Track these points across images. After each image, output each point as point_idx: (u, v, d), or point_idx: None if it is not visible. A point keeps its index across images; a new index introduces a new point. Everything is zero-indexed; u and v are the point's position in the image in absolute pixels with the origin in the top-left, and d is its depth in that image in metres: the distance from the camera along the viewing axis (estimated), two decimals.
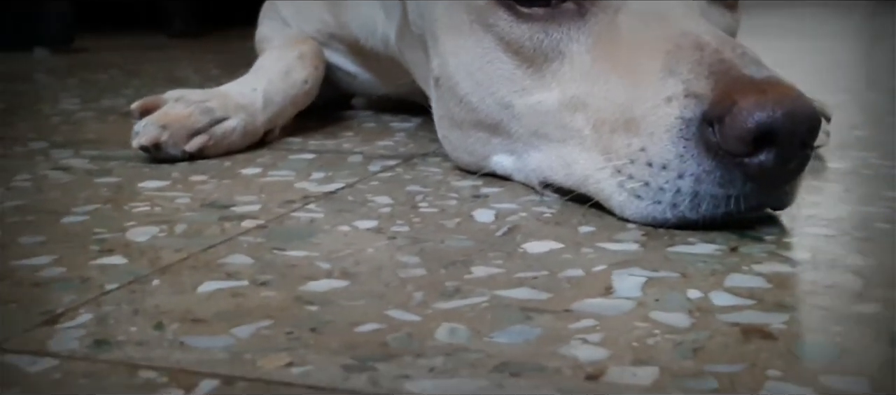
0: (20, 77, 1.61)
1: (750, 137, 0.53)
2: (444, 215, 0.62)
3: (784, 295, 0.46)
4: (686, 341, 0.40)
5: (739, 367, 0.38)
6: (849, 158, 0.79)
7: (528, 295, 0.47)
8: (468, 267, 0.51)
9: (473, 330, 0.42)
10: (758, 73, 0.55)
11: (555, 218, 0.61)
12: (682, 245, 0.55)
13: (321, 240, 0.57)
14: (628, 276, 0.49)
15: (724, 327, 0.42)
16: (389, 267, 0.51)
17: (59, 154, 0.87)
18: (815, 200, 0.65)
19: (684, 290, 0.47)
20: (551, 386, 0.36)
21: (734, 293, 0.46)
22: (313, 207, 0.65)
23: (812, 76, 1.45)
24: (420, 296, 0.47)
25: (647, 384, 0.36)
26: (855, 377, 0.37)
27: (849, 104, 1.14)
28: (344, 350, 0.40)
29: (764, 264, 0.51)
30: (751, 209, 0.56)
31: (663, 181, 0.57)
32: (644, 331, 0.42)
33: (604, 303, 0.45)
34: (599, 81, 0.62)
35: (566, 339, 0.41)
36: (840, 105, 1.07)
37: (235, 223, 0.61)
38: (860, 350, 0.39)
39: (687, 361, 0.38)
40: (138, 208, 0.65)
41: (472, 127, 0.71)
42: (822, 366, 0.38)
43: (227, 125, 0.84)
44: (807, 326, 0.42)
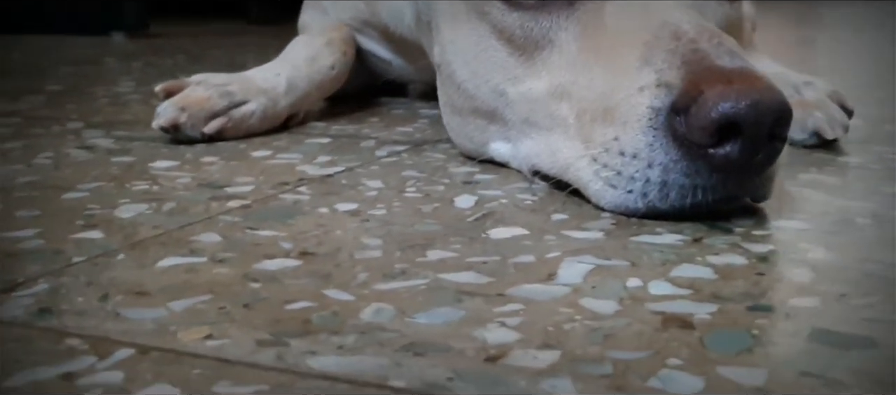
0: (90, 60, 1.67)
1: (714, 127, 0.53)
2: (426, 200, 0.63)
3: (724, 287, 0.46)
4: (602, 327, 0.41)
5: (642, 354, 0.38)
6: (864, 152, 0.77)
7: (470, 279, 0.47)
8: (424, 251, 0.52)
9: (399, 311, 0.43)
10: (730, 63, 0.55)
11: (534, 205, 0.61)
12: (648, 235, 0.55)
13: (296, 221, 0.58)
14: (577, 263, 0.49)
15: (646, 316, 0.42)
16: (348, 248, 0.52)
17: (90, 134, 0.90)
18: (807, 193, 0.64)
19: (626, 279, 0.47)
20: (447, 366, 0.37)
21: (675, 284, 0.46)
22: (304, 189, 0.66)
23: (855, 69, 1.41)
24: (364, 277, 0.48)
25: (543, 368, 0.37)
26: (753, 369, 0.37)
27: (889, 99, 1.11)
28: (265, 326, 0.41)
29: (721, 255, 0.51)
30: (721, 201, 0.56)
31: (634, 170, 0.57)
32: (565, 317, 0.42)
33: (539, 289, 0.46)
34: (583, 70, 0.62)
35: (485, 322, 0.41)
36: (881, 100, 1.04)
37: (222, 203, 0.63)
38: (773, 343, 0.39)
39: (593, 347, 0.39)
40: (138, 187, 0.68)
41: (470, 114, 0.72)
42: (726, 357, 0.38)
43: (246, 109, 0.86)
44: (731, 317, 0.42)
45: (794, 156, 0.76)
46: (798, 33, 2.21)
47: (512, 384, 0.35)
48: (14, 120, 1.00)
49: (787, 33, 2.21)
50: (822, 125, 0.77)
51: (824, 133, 0.77)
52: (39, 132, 0.92)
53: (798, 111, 0.79)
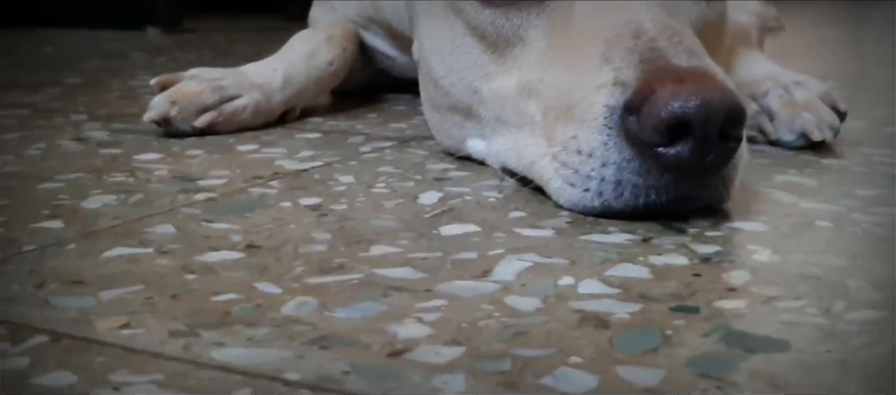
0: (118, 55, 1.69)
1: (663, 126, 0.52)
2: (392, 195, 0.63)
3: (655, 287, 0.45)
4: (516, 325, 0.41)
5: (546, 352, 0.38)
6: (853, 155, 0.76)
7: (404, 274, 0.47)
8: (369, 246, 0.52)
9: (321, 305, 0.43)
10: (686, 62, 0.54)
11: (495, 203, 0.61)
12: (600, 234, 0.54)
13: (254, 215, 0.59)
14: (517, 261, 0.49)
15: (565, 315, 0.42)
16: (294, 242, 0.53)
17: (90, 126, 0.91)
18: (777, 194, 0.63)
19: (560, 277, 0.47)
20: (347, 359, 0.37)
21: (607, 283, 0.46)
22: (274, 183, 0.67)
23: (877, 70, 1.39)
24: (300, 271, 0.48)
25: (442, 364, 0.37)
26: (652, 370, 0.36)
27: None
28: (185, 317, 0.42)
29: (664, 255, 0.50)
30: (676, 201, 0.55)
31: (589, 169, 0.56)
32: (484, 314, 0.42)
33: (468, 285, 0.46)
34: (550, 67, 0.62)
35: (402, 317, 0.42)
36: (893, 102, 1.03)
37: (190, 195, 0.63)
38: (682, 344, 0.39)
39: (499, 344, 0.39)
40: (115, 178, 0.69)
41: (447, 110, 0.72)
42: (629, 357, 0.38)
43: (238, 103, 0.86)
44: (650, 317, 0.41)
45: (779, 157, 0.75)
46: (831, 34, 2.17)
47: (404, 379, 0.35)
48: (23, 112, 1.02)
49: (817, 33, 2.17)
50: (809, 127, 0.76)
51: (811, 135, 0.76)
52: (42, 124, 0.93)
53: (786, 112, 0.78)
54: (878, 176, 0.68)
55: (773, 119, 0.79)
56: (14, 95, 1.14)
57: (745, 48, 0.89)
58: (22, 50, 1.76)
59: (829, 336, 0.39)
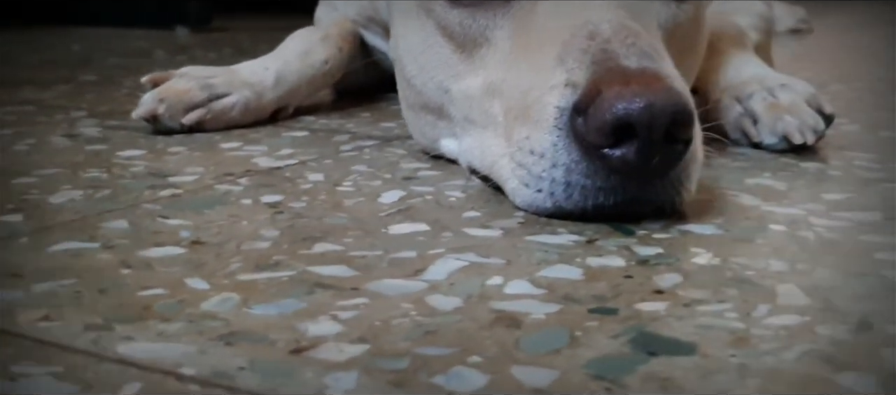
0: (141, 53, 1.72)
1: (608, 128, 0.52)
2: (354, 194, 0.64)
3: (581, 288, 0.45)
4: (429, 324, 0.41)
5: (448, 351, 0.38)
6: (835, 158, 0.75)
7: (337, 272, 0.48)
8: (313, 244, 0.52)
9: (243, 301, 0.44)
10: (636, 63, 0.54)
11: (455, 203, 0.61)
12: (547, 234, 0.54)
13: (213, 211, 0.59)
14: (454, 260, 0.49)
15: (481, 315, 0.42)
16: (240, 240, 0.53)
17: (85, 123, 0.93)
18: (742, 197, 0.62)
19: (490, 277, 0.47)
20: (248, 356, 0.38)
21: (535, 284, 0.46)
22: (243, 180, 0.68)
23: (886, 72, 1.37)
24: (236, 267, 0.48)
25: (340, 361, 0.37)
26: (546, 370, 0.36)
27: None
28: (106, 311, 0.42)
29: (603, 257, 0.50)
30: (627, 203, 0.55)
31: (541, 170, 0.56)
32: (400, 312, 0.42)
33: (396, 284, 0.46)
34: (512, 68, 0.62)
35: (318, 315, 0.42)
36: None
37: (156, 191, 0.64)
38: (587, 346, 0.39)
39: (405, 343, 0.39)
40: (90, 174, 0.70)
41: (421, 109, 0.72)
42: (529, 357, 0.37)
43: (227, 102, 0.87)
44: (565, 318, 0.41)
45: (758, 160, 0.74)
46: (860, 35, 2.14)
47: (296, 376, 0.36)
48: (28, 108, 1.03)
49: (846, 35, 2.14)
50: (790, 130, 0.75)
51: (792, 138, 0.75)
52: (41, 120, 0.95)
53: (769, 115, 0.77)
54: (852, 181, 0.67)
55: (756, 122, 0.78)
56: (26, 91, 1.16)
57: (737, 50, 0.88)
58: (49, 47, 1.79)
59: (739, 341, 0.39)
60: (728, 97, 0.81)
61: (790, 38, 2.04)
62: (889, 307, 0.43)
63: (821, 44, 1.93)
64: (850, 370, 0.36)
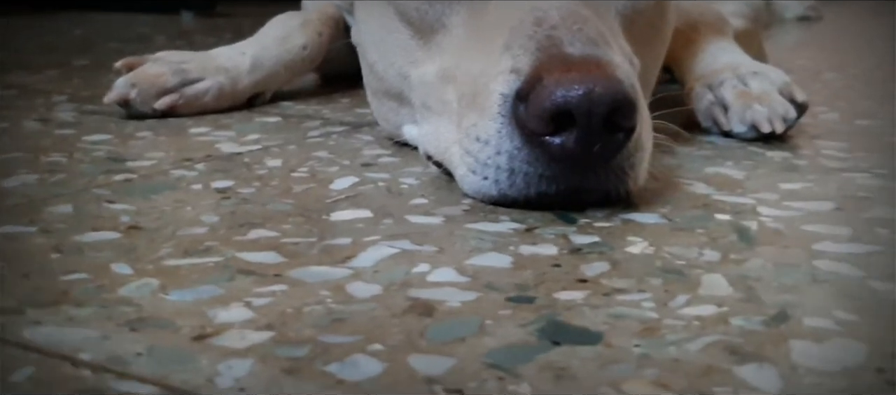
0: (142, 38, 1.72)
1: (547, 115, 0.52)
2: (308, 180, 0.64)
3: (505, 276, 0.45)
4: (342, 311, 0.41)
5: (352, 338, 0.38)
6: (805, 147, 0.74)
7: (264, 259, 0.48)
8: (250, 230, 0.52)
9: (162, 287, 0.44)
10: (579, 50, 0.54)
11: (405, 190, 0.61)
12: (489, 222, 0.54)
13: (159, 196, 0.59)
14: (386, 248, 0.49)
15: (397, 302, 0.42)
16: (179, 225, 0.53)
17: (63, 108, 0.93)
18: (695, 186, 0.62)
19: (417, 265, 0.47)
20: (149, 342, 0.38)
21: (461, 272, 0.46)
22: (200, 166, 0.67)
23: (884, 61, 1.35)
24: (165, 253, 0.48)
25: (239, 348, 0.37)
26: (443, 358, 0.36)
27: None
28: (23, 295, 0.42)
29: (538, 245, 0.50)
30: (571, 192, 0.55)
31: (486, 156, 0.56)
32: (317, 300, 0.42)
33: (320, 271, 0.46)
34: (465, 54, 0.61)
35: (232, 302, 0.42)
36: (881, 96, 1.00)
37: (110, 176, 0.64)
38: (493, 335, 0.38)
39: (310, 330, 0.39)
40: (51, 158, 0.70)
41: (383, 95, 0.71)
42: (433, 345, 0.37)
43: (200, 87, 0.87)
44: (478, 307, 0.41)
45: (725, 149, 0.73)
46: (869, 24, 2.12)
47: (191, 363, 0.36)
48: (10, 92, 1.04)
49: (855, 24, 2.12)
50: (758, 118, 0.74)
51: (760, 126, 0.74)
52: (20, 105, 0.95)
53: (738, 103, 0.76)
54: (814, 170, 0.66)
55: (727, 110, 0.77)
56: (14, 76, 1.16)
57: (715, 37, 0.87)
58: (52, 32, 1.79)
59: (647, 331, 0.38)
60: (700, 85, 0.80)
61: (797, 26, 2.03)
62: (811, 300, 0.42)
63: (827, 32, 1.91)
64: (753, 361, 0.36)
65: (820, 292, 0.43)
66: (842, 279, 0.44)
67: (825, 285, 0.44)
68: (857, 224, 0.53)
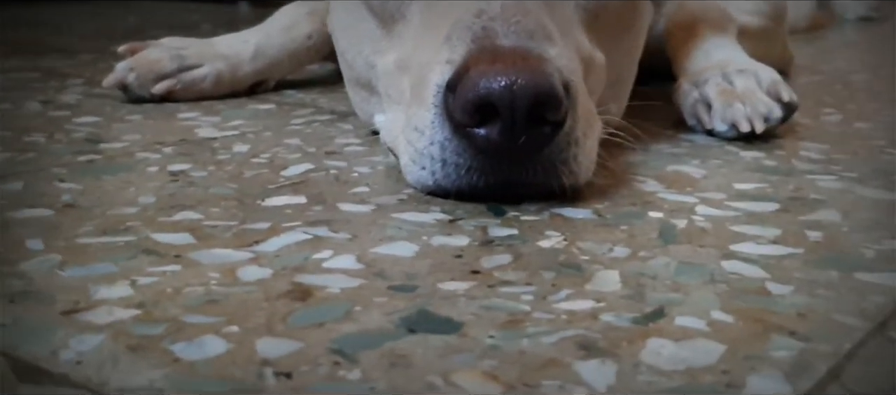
0: (189, 26, 1.75)
1: (470, 106, 0.52)
2: (264, 166, 0.65)
3: (401, 266, 0.45)
4: (220, 293, 0.41)
5: (211, 319, 0.38)
6: (785, 147, 0.72)
7: (175, 240, 0.49)
8: (178, 212, 0.53)
9: (62, 263, 0.45)
10: (513, 42, 0.53)
11: (354, 178, 0.62)
12: (418, 213, 0.54)
13: (111, 178, 0.61)
14: (300, 234, 0.50)
15: (279, 287, 0.42)
16: (112, 205, 0.54)
17: (72, 91, 0.96)
18: (648, 185, 0.61)
19: (319, 251, 0.47)
20: (20, 314, 0.39)
21: (359, 260, 0.46)
22: (169, 149, 0.69)
23: None
24: (86, 231, 0.50)
25: (99, 324, 0.38)
26: (291, 342, 0.36)
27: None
28: None
29: (452, 236, 0.50)
30: (502, 185, 0.54)
31: (422, 146, 0.56)
32: (202, 281, 0.43)
33: (221, 254, 0.47)
34: (419, 44, 0.62)
35: (120, 280, 0.43)
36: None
37: (76, 156, 0.66)
38: (355, 322, 0.38)
39: (178, 310, 0.39)
40: (32, 138, 0.72)
41: (355, 84, 0.72)
42: (288, 330, 0.38)
43: (197, 73, 0.89)
44: (356, 295, 0.41)
45: (701, 147, 0.72)
46: None
47: (46, 335, 0.37)
48: (32, 75, 1.07)
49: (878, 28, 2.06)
50: (737, 117, 0.73)
51: (739, 125, 0.73)
52: (35, 86, 0.98)
53: (720, 101, 0.75)
54: (780, 171, 0.65)
55: (710, 108, 0.76)
56: (48, 60, 1.20)
57: (713, 34, 0.86)
58: (108, 17, 1.84)
59: (511, 323, 0.38)
60: (687, 82, 0.79)
61: (857, 27, 1.97)
62: (696, 300, 0.41)
63: (885, 34, 1.86)
64: (598, 357, 0.35)
65: (708, 293, 0.42)
66: (740, 281, 0.43)
67: (720, 285, 0.43)
68: (791, 226, 0.51)
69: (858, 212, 0.55)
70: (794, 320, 0.39)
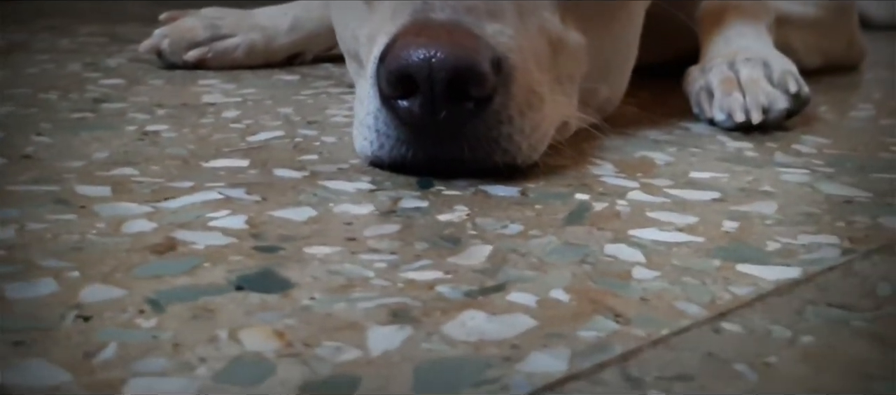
0: None
1: (392, 78, 0.52)
2: (236, 130, 0.67)
3: (280, 230, 0.46)
4: (90, 242, 0.43)
5: (55, 264, 0.40)
6: (780, 140, 0.70)
7: (93, 193, 0.51)
8: (120, 167, 0.56)
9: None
10: (447, 17, 0.54)
11: (315, 147, 0.63)
12: (346, 181, 0.55)
13: (88, 133, 0.64)
14: (214, 194, 0.51)
15: (151, 241, 0.44)
16: (66, 159, 0.57)
17: (121, 55, 1.00)
18: (599, 168, 0.60)
19: (217, 211, 0.48)
20: None
21: (250, 221, 0.47)
22: (162, 112, 0.72)
23: None
24: (24, 179, 0.53)
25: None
26: (111, 289, 0.38)
27: None
28: None
29: (358, 205, 0.50)
30: (430, 160, 0.55)
31: (361, 117, 0.57)
32: (83, 229, 0.45)
33: (121, 207, 0.49)
34: (384, 15, 0.62)
35: (14, 224, 0.45)
36: None
37: (69, 114, 0.70)
38: (194, 276, 0.40)
39: (36, 255, 0.41)
40: (48, 95, 0.77)
41: (347, 56, 0.73)
42: (117, 280, 0.39)
43: (230, 43, 0.92)
44: (211, 253, 0.42)
45: (690, 136, 0.71)
46: None
47: None
48: (103, 40, 1.12)
49: None
50: (734, 107, 0.71)
51: (734, 115, 0.71)
52: (95, 50, 1.03)
53: (720, 90, 0.73)
54: (755, 163, 0.63)
55: (713, 96, 0.74)
56: (127, 27, 1.26)
57: (740, 21, 0.83)
58: None
59: (344, 288, 0.39)
60: (697, 69, 0.77)
61: None
62: (547, 278, 0.41)
63: None
64: (399, 324, 0.35)
65: (565, 273, 0.41)
66: (610, 264, 0.42)
67: (585, 266, 0.42)
68: (713, 216, 0.50)
69: (799, 206, 0.53)
70: (631, 305, 0.38)
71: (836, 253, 0.45)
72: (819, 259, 0.44)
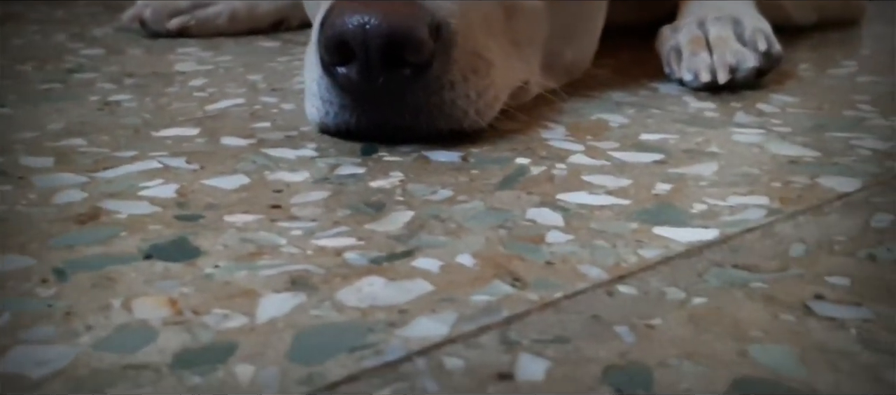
0: None
1: (330, 45, 0.52)
2: (199, 99, 0.67)
3: (209, 198, 0.46)
4: (18, 212, 0.44)
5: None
6: (748, 99, 0.70)
7: (40, 164, 0.52)
8: (65, 139, 0.57)
9: None
10: None
11: (273, 114, 0.64)
12: (290, 148, 0.55)
13: (50, 104, 0.65)
14: (154, 162, 0.52)
15: (78, 209, 0.45)
16: (20, 129, 0.58)
17: (108, 27, 1.01)
18: (549, 131, 0.60)
19: (152, 180, 0.49)
20: None
21: (181, 191, 0.48)
22: (131, 81, 0.73)
23: None
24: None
25: None
26: (25, 258, 0.39)
27: None
28: None
29: (295, 172, 0.51)
30: (373, 125, 0.55)
31: (308, 83, 0.57)
32: (14, 201, 0.46)
33: (61, 177, 0.50)
34: None
35: None
36: None
37: (39, 85, 0.71)
38: (110, 246, 0.40)
39: None
40: (24, 67, 0.78)
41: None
42: (35, 250, 0.40)
43: (212, 10, 0.92)
44: (136, 222, 0.43)
45: (654, 98, 0.70)
46: None
47: None
48: (98, 9, 1.13)
49: None
50: (699, 67, 0.71)
51: (699, 75, 0.70)
52: (85, 20, 1.04)
53: (688, 50, 0.73)
54: (711, 124, 0.62)
55: (682, 56, 0.74)
56: None
57: None
58: None
59: (253, 255, 0.39)
60: (670, 28, 0.77)
61: None
62: (458, 243, 0.41)
63: None
64: (295, 291, 0.36)
65: (479, 238, 0.41)
66: (527, 228, 0.43)
67: (501, 231, 0.42)
68: (648, 178, 0.50)
69: (740, 167, 0.52)
70: (533, 269, 0.38)
71: (760, 214, 0.45)
72: (741, 221, 0.44)
